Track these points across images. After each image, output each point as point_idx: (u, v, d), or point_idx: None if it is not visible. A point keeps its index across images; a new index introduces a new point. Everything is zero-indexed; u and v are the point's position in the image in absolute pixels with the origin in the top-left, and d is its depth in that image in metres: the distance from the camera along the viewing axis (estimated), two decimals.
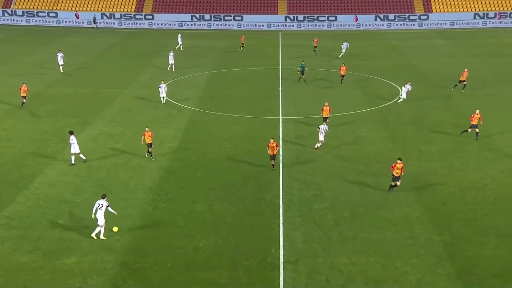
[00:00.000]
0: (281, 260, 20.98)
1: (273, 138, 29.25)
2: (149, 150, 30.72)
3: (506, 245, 21.80)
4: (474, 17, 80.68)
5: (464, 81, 43.73)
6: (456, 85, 44.31)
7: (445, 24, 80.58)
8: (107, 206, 22.32)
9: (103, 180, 28.18)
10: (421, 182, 27.62)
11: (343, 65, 47.95)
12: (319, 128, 31.90)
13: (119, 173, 29.06)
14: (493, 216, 24.15)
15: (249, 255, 21.30)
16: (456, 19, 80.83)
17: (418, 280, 19.75)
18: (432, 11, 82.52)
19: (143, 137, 30.64)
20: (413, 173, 28.72)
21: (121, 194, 26.40)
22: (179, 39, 64.82)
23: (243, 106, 41.40)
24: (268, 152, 28.95)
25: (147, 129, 30.88)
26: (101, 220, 22.12)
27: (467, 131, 33.59)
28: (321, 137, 31.73)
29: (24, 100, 40.38)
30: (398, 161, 25.86)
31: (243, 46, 63.42)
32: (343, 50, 58.79)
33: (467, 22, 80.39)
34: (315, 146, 31.97)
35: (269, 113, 39.40)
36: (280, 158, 30.91)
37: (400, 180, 25.87)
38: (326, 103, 35.65)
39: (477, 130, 33.23)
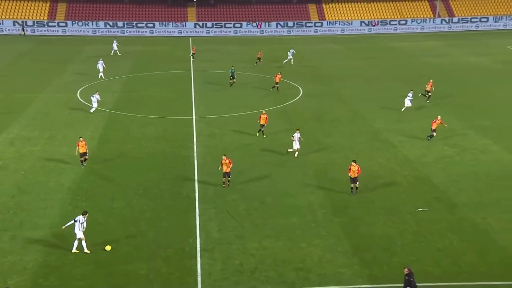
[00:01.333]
0: (198, 249, 20.82)
1: (225, 155, 26.03)
2: (82, 159, 28.33)
3: (393, 222, 23.01)
4: (361, 24, 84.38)
5: (429, 91, 41.27)
6: (424, 95, 41.43)
7: (337, 30, 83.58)
8: (75, 221, 20.22)
9: (20, 182, 26.54)
10: (322, 172, 28.49)
11: (278, 73, 46.10)
12: (293, 137, 30.19)
13: (38, 174, 27.50)
14: (382, 198, 25.38)
15: (167, 247, 20.94)
16: (346, 26, 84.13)
17: (320, 258, 20.36)
18: (325, 18, 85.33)
19: (77, 147, 28.38)
20: (315, 163, 29.57)
21: (40, 195, 25.00)
22: (114, 45, 62.38)
23: (158, 107, 40.61)
24: (221, 169, 25.82)
25: (81, 138, 28.66)
26: (79, 234, 20.24)
27: (432, 135, 32.66)
28: (295, 146, 30.07)
29: None
30: (353, 163, 25.37)
31: (193, 55, 59.70)
32: (290, 57, 57.45)
33: (355, 29, 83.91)
34: (287, 150, 30.38)
35: (183, 114, 38.93)
36: (195, 154, 30.65)
37: (358, 182, 25.38)
38: (264, 111, 34.18)
39: (434, 134, 32.62)
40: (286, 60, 57.39)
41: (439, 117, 33.04)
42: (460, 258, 20.29)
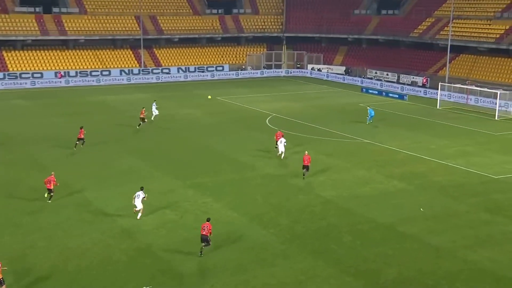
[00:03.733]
0: None
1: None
2: None
3: None
4: (55, 76, 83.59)
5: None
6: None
7: (26, 83, 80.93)
8: None
9: None
10: (19, 259, 26.54)
11: (81, 128, 46.40)
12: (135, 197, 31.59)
13: None
14: (97, 280, 25.03)
15: None
16: (37, 79, 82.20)
17: None
18: (7, 69, 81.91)
19: None
20: (10, 248, 27.38)
21: None
22: None
23: None
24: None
25: None
26: None
27: (304, 174, 38.94)
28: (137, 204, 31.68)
29: None
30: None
31: (144, 121, 55.01)
32: (154, 110, 58.28)
33: (49, 81, 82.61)
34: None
35: None
36: None
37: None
38: (52, 173, 34.66)
39: (305, 170, 39.05)
40: (155, 115, 58.07)
41: (306, 152, 39.90)
42: None
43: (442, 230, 31.18)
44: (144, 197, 31.70)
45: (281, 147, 43.82)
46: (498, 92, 63.60)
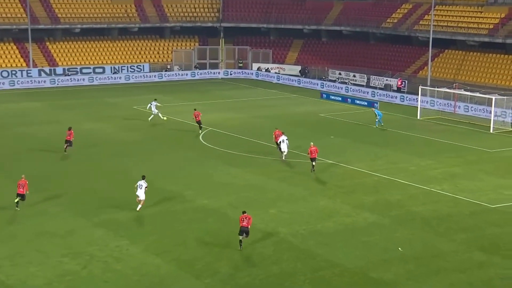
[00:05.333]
0: None
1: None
2: None
3: None
4: None
5: None
6: None
7: None
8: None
9: None
10: None
11: (70, 129, 51.98)
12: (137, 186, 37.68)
13: None
14: None
15: None
16: None
17: None
18: None
19: None
20: None
21: None
22: None
23: None
24: None
25: None
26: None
27: (313, 167, 46.88)
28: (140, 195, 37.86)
29: None
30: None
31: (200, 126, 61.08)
32: (154, 110, 65.00)
33: None
34: None
35: None
36: None
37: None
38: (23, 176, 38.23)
39: (313, 163, 46.90)
40: (152, 117, 64.74)
41: (312, 143, 47.25)
42: None
43: (426, 275, 31.70)
44: (146, 187, 38.35)
45: (284, 147, 50.15)
46: (493, 98, 65.21)
